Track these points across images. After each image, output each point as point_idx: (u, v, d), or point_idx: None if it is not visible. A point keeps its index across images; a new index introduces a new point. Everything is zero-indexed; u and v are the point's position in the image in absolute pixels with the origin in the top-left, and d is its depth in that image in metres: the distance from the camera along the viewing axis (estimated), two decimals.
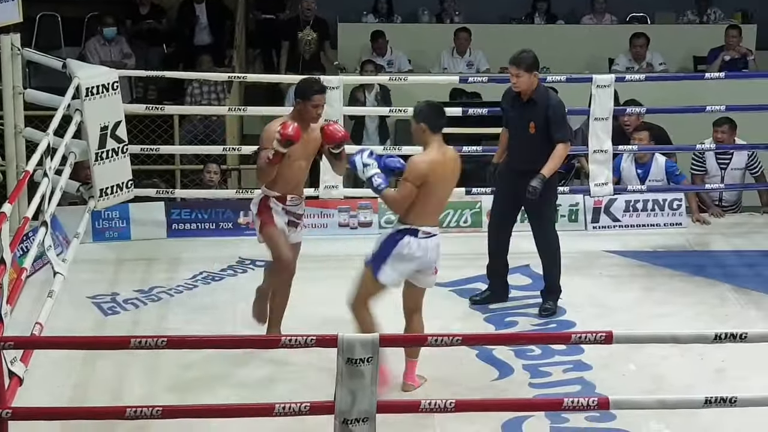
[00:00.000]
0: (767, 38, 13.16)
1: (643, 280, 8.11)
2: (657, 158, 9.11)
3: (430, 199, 6.29)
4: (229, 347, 5.89)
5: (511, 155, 7.51)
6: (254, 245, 8.49)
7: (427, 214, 6.34)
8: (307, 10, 12.40)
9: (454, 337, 5.28)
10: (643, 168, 9.09)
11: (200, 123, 11.06)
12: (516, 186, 7.35)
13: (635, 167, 9.09)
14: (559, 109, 7.37)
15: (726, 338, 5.14)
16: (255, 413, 5.38)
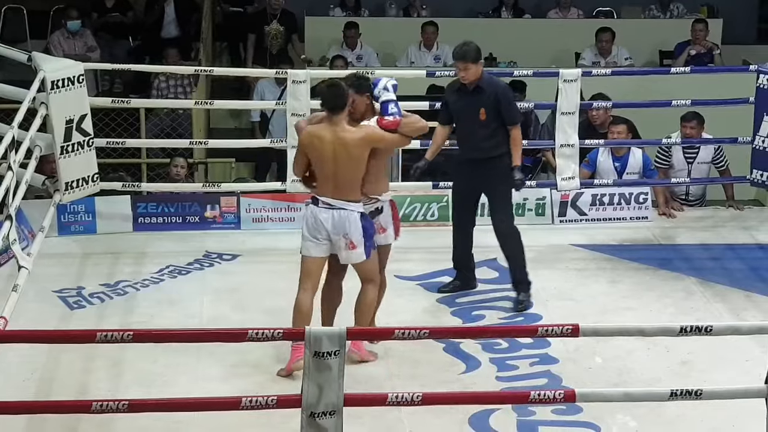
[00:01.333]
0: (733, 33, 13.25)
1: (610, 274, 8.14)
2: (634, 151, 9.15)
3: (317, 170, 6.59)
4: (196, 341, 5.86)
5: (463, 147, 7.55)
6: (221, 239, 8.53)
7: (320, 186, 6.60)
8: (274, 3, 12.36)
9: (422, 330, 5.28)
10: (620, 161, 9.12)
11: (167, 116, 11.01)
12: (472, 176, 7.44)
13: (612, 160, 9.12)
14: (508, 93, 7.46)
15: (691, 331, 5.16)
16: (222, 407, 5.36)
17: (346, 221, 6.52)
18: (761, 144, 8.64)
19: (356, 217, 6.54)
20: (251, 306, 7.43)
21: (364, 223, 6.55)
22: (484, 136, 7.36)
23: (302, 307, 6.58)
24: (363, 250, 6.56)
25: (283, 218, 8.83)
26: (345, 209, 6.53)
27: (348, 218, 6.52)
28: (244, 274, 8.04)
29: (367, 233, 6.56)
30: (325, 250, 6.61)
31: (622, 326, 6.15)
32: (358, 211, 6.56)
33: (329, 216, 6.53)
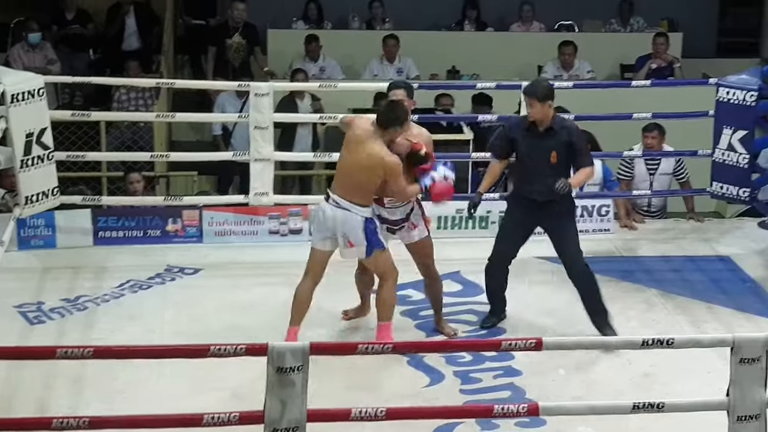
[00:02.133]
0: (693, 46, 13.34)
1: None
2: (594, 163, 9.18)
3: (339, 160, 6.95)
4: (157, 357, 5.82)
5: (526, 186, 7.36)
6: (182, 253, 8.48)
7: (336, 179, 6.96)
8: (236, 16, 12.34)
9: (385, 344, 5.27)
10: None
11: (127, 129, 10.95)
12: (533, 214, 7.29)
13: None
14: (582, 137, 7.34)
15: (653, 344, 5.19)
16: (184, 423, 5.32)
17: (348, 222, 6.80)
18: (721, 156, 8.69)
19: (359, 220, 6.80)
20: (214, 321, 7.40)
21: (367, 225, 6.81)
22: (551, 178, 7.13)
23: (300, 295, 6.97)
24: (364, 249, 6.83)
25: (246, 231, 8.79)
26: (350, 211, 6.79)
27: (350, 220, 6.79)
28: (206, 288, 7.99)
29: (369, 236, 6.81)
30: (330, 245, 6.93)
31: (585, 339, 6.19)
32: (362, 215, 6.80)
33: (333, 214, 6.81)
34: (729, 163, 8.68)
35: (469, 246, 8.49)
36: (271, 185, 8.56)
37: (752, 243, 8.97)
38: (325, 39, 12.45)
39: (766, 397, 5.21)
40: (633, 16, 13.71)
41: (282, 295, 7.33)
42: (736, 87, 8.61)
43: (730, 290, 8.11)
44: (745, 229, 9.27)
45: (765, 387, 5.20)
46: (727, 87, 8.65)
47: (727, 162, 8.68)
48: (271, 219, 8.80)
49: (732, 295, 8.00)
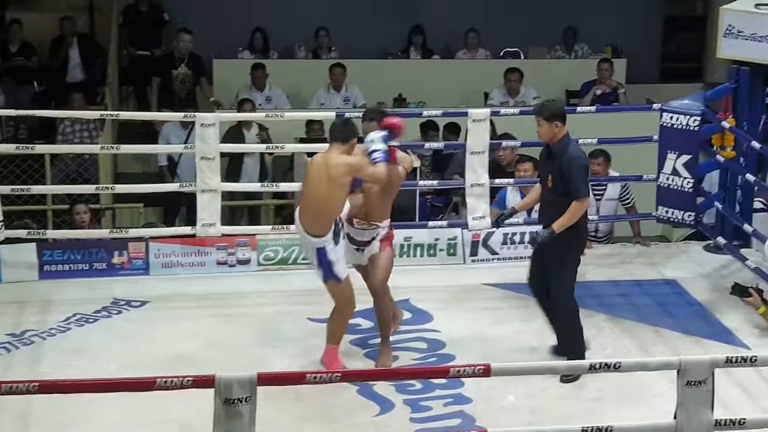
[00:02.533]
0: (637, 72, 13.48)
1: (522, 312, 8.16)
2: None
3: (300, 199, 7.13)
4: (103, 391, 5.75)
5: (539, 212, 7.38)
6: (129, 285, 8.42)
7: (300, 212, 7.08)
8: (182, 47, 12.31)
9: (334, 373, 5.24)
10: None
11: (72, 162, 10.88)
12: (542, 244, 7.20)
13: (521, 198, 9.19)
14: (574, 163, 7.00)
15: (601, 368, 5.20)
16: None
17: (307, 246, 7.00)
18: (665, 181, 8.78)
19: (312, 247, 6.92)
20: (161, 353, 7.33)
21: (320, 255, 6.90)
22: (550, 204, 7.09)
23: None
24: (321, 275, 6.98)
25: (193, 263, 8.74)
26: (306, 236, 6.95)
27: (308, 244, 6.96)
28: (153, 320, 7.93)
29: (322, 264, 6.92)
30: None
31: (533, 365, 6.19)
32: (315, 245, 6.88)
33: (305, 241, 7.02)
34: (674, 188, 8.77)
35: (417, 274, 8.50)
36: (218, 216, 8.52)
37: (698, 266, 9.03)
38: (271, 68, 12.45)
39: (713, 419, 5.23)
40: (577, 42, 13.84)
41: (230, 326, 7.29)
42: (680, 112, 8.71)
43: (676, 314, 8.16)
44: (691, 253, 9.34)
45: (712, 409, 5.23)
46: (671, 112, 8.75)
47: (672, 186, 8.77)
48: (218, 250, 8.76)
49: (679, 319, 8.05)
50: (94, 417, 6.44)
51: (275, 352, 7.22)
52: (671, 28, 15.10)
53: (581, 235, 7.21)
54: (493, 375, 5.26)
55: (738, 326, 7.91)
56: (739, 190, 9.06)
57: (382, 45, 13.97)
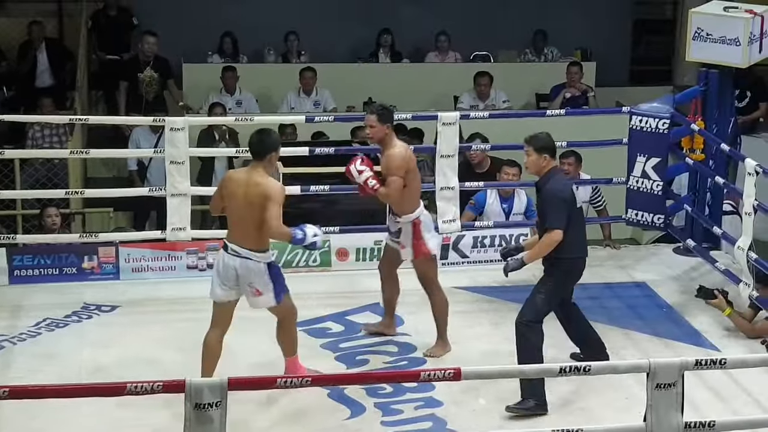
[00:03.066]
0: (606, 75, 13.52)
1: (492, 315, 8.19)
2: (519, 193, 9.27)
3: (228, 213, 6.84)
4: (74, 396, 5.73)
5: None
6: (99, 290, 8.38)
7: (229, 231, 6.79)
8: (147, 50, 12.26)
9: (304, 378, 5.24)
10: (507, 203, 9.23)
11: (42, 166, 10.83)
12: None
13: (500, 202, 9.22)
14: (550, 194, 6.92)
15: (571, 371, 5.22)
16: None
17: (252, 271, 6.63)
18: (635, 184, 8.82)
19: (261, 267, 6.66)
20: (132, 358, 7.32)
21: (271, 271, 6.69)
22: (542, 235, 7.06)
23: (209, 344, 6.81)
24: (272, 296, 6.72)
25: (163, 267, 8.72)
26: (250, 259, 6.63)
27: (253, 268, 6.63)
28: (124, 325, 7.92)
29: (276, 281, 6.71)
30: (234, 295, 6.77)
31: (504, 368, 6.20)
32: (265, 261, 6.68)
33: (234, 264, 6.67)
34: (643, 191, 8.81)
35: None
36: (188, 220, 8.51)
37: (668, 269, 9.08)
38: (241, 72, 12.41)
39: (683, 422, 5.26)
40: (547, 46, 13.87)
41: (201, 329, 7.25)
42: (649, 115, 8.75)
43: (646, 316, 8.20)
44: (660, 256, 9.39)
45: (682, 412, 5.26)
46: (640, 115, 8.79)
47: (641, 189, 8.81)
48: (189, 254, 8.74)
49: (649, 321, 8.09)
50: (65, 422, 6.43)
51: (246, 356, 7.20)
52: (640, 31, 15.15)
53: (573, 273, 7.08)
54: (464, 378, 5.28)
55: (707, 328, 7.95)
56: (708, 193, 9.11)
57: (351, 49, 13.96)
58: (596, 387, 6.77)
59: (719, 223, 8.90)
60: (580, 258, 7.08)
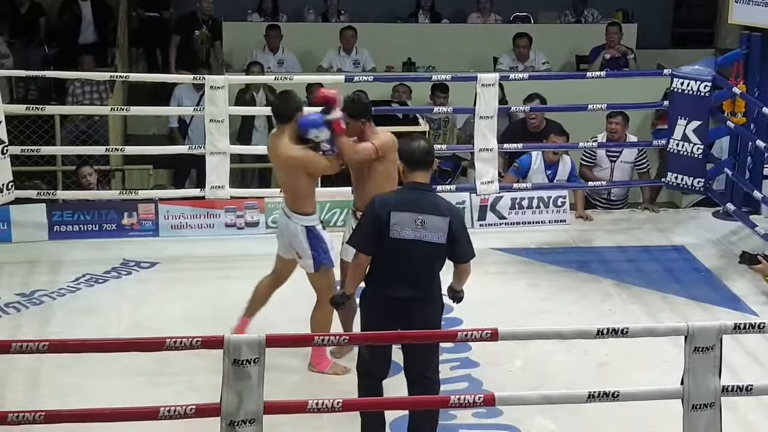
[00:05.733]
0: (647, 37, 13.41)
1: (529, 277, 8.20)
2: (564, 158, 9.25)
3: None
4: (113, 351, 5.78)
5: None
6: (138, 246, 8.44)
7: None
8: (205, 8, 12.28)
9: (341, 336, 5.26)
10: (551, 168, 9.20)
11: (82, 123, 10.88)
12: None
13: (545, 168, 9.20)
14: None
15: (608, 333, 5.21)
16: (139, 417, 5.29)
17: (290, 232, 6.65)
18: (675, 147, 8.77)
19: (299, 229, 6.62)
20: (170, 314, 7.37)
21: (310, 237, 6.62)
22: None
23: (259, 288, 6.91)
24: (311, 263, 6.64)
25: (202, 225, 8.77)
26: (290, 219, 6.64)
27: (291, 228, 6.64)
28: (162, 281, 7.97)
29: (314, 247, 6.62)
30: (288, 253, 6.76)
31: (541, 329, 6.19)
32: (303, 224, 6.63)
33: (283, 222, 6.74)
34: (684, 154, 8.76)
35: None
36: (227, 178, 8.53)
37: (707, 233, 9.04)
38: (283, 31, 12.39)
39: (720, 385, 5.25)
40: (587, 7, 13.75)
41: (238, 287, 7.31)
42: (691, 78, 8.69)
43: (684, 280, 8.17)
44: (699, 219, 9.35)
45: (719, 375, 5.24)
46: (682, 77, 8.73)
47: (681, 152, 8.76)
48: (227, 212, 8.79)
49: (687, 285, 8.07)
50: (102, 377, 6.48)
51: (283, 314, 7.22)
52: None
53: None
54: (501, 339, 5.27)
55: (745, 293, 7.92)
56: (749, 157, 9.06)
57: (390, 9, 13.90)
58: (633, 350, 6.76)
59: (760, 187, 8.85)
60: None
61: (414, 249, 5.69)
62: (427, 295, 5.81)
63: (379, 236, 5.71)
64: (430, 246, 5.70)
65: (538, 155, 9.20)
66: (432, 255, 5.75)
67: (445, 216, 5.71)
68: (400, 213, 5.69)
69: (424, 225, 5.68)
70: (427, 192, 5.82)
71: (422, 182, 5.80)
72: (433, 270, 5.81)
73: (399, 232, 5.68)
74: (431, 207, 5.73)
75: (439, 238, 5.70)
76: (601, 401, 5.29)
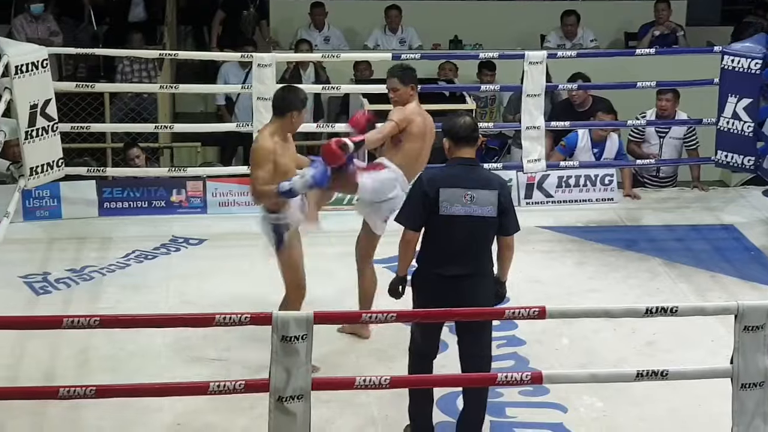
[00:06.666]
0: (697, 14, 13.28)
1: (576, 255, 8.17)
2: (612, 136, 9.21)
3: None
4: (163, 326, 5.84)
5: None
6: (187, 223, 8.50)
7: None
8: None
9: (389, 313, 5.28)
10: (599, 147, 9.17)
11: (131, 101, 10.95)
12: None
13: (592, 146, 9.16)
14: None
15: (657, 312, 5.19)
16: (189, 392, 5.35)
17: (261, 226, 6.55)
18: (725, 125, 8.69)
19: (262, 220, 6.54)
20: (218, 290, 7.42)
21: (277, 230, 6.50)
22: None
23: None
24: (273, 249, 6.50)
25: (249, 202, 8.74)
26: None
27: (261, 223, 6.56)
28: (210, 258, 8.02)
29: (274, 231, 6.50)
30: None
31: (588, 308, 6.19)
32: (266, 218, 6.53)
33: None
34: (734, 132, 8.67)
35: None
36: None
37: (756, 211, 8.97)
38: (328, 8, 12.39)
39: None
40: None
41: None
42: (741, 55, 8.59)
43: (734, 259, 8.12)
44: (749, 198, 9.28)
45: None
46: (732, 55, 8.63)
47: (731, 130, 8.68)
48: None
49: (736, 264, 8.01)
50: (152, 352, 6.54)
51: (331, 291, 7.26)
52: None
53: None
54: (548, 317, 5.27)
55: None
56: None
57: None
58: (681, 329, 6.73)
59: None
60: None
61: (464, 225, 5.67)
62: (479, 270, 5.78)
63: (428, 213, 5.70)
64: (480, 220, 5.68)
65: (585, 133, 9.16)
66: (483, 229, 5.73)
67: (494, 189, 5.71)
68: (448, 189, 5.67)
69: (474, 200, 5.67)
70: (474, 167, 5.81)
71: (469, 157, 5.79)
72: (485, 245, 5.79)
73: (448, 209, 5.66)
74: (480, 181, 5.71)
75: (489, 212, 5.68)
76: (650, 380, 5.27)
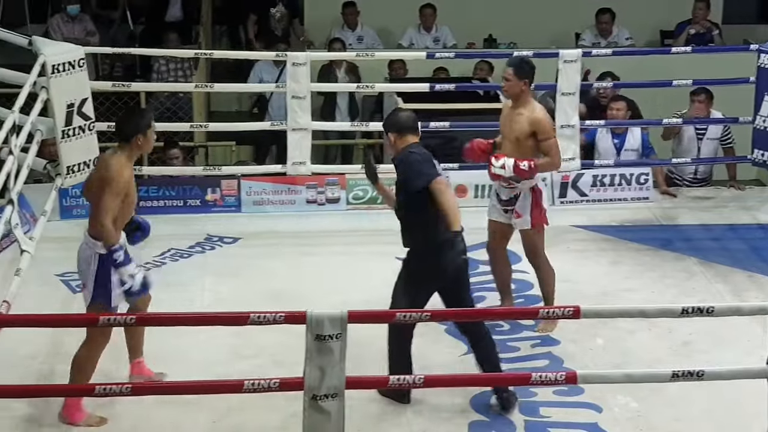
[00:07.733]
0: (733, 13, 13.20)
1: (611, 255, 8.15)
2: (632, 129, 9.18)
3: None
4: (198, 324, 5.87)
5: None
6: (222, 222, 8.53)
7: None
8: None
9: (423, 313, 5.29)
10: (619, 138, 9.15)
11: (167, 100, 11.00)
12: None
13: (611, 137, 9.15)
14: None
15: (693, 312, 5.16)
16: (224, 390, 5.37)
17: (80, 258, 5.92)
18: (762, 124, 8.63)
19: (88, 254, 5.88)
20: (252, 289, 7.44)
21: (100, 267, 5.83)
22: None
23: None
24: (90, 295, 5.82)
25: (283, 201, 8.84)
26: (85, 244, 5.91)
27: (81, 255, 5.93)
28: (245, 257, 8.05)
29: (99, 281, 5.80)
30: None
31: (623, 308, 6.17)
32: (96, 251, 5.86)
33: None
34: None
35: None
36: (308, 154, 8.58)
37: None
38: (361, 7, 12.40)
39: None
40: None
41: (318, 263, 7.35)
42: None
43: None
44: None
45: None
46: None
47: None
48: (308, 188, 8.84)
49: None
50: (186, 350, 6.56)
51: (364, 290, 7.26)
52: None
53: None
54: (583, 317, 5.26)
55: None
56: None
57: None
58: (717, 329, 6.69)
59: None
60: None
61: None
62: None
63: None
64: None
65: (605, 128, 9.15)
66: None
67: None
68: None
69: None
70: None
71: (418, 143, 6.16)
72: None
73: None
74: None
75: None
76: (686, 380, 5.26)
